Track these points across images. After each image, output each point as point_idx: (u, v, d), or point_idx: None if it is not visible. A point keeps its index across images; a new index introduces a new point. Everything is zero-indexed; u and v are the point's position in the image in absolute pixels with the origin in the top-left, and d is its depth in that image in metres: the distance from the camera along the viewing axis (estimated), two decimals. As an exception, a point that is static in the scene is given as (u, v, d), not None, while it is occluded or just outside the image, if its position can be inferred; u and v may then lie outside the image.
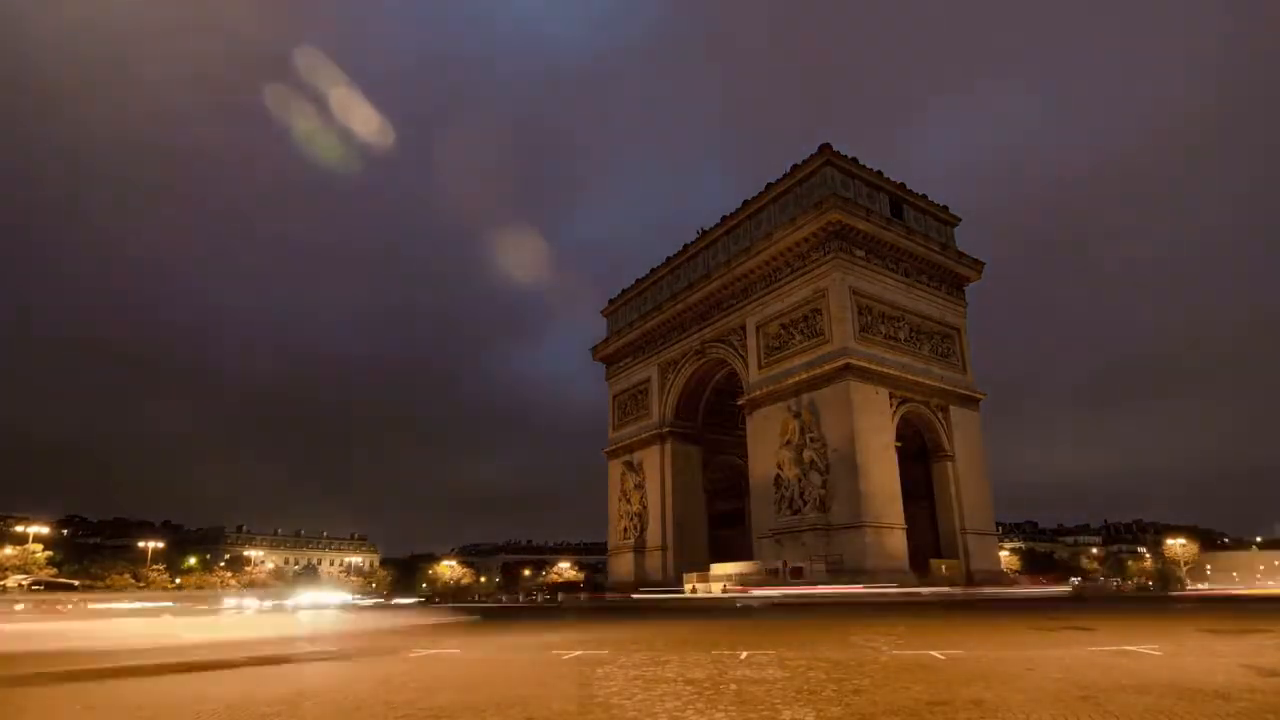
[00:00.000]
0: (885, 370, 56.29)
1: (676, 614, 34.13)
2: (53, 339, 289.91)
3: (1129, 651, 13.01)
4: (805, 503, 54.81)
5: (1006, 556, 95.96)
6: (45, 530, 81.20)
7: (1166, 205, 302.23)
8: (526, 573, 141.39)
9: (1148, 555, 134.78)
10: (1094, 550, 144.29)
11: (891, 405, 56.37)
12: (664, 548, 72.81)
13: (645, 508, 76.65)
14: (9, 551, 73.65)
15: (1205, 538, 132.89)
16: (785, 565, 52.23)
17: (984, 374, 66.89)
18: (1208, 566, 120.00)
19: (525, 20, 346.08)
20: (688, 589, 55.68)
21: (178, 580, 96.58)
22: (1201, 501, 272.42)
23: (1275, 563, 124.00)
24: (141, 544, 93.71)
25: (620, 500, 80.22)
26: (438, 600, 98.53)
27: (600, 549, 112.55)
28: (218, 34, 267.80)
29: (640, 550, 75.58)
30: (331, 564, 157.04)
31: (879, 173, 62.62)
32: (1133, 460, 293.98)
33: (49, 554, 78.48)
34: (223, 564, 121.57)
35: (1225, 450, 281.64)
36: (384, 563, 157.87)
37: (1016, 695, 8.31)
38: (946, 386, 60.70)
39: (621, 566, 78.27)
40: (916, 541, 54.76)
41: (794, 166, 62.67)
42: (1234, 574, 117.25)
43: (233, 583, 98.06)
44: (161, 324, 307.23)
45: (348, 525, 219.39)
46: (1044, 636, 16.65)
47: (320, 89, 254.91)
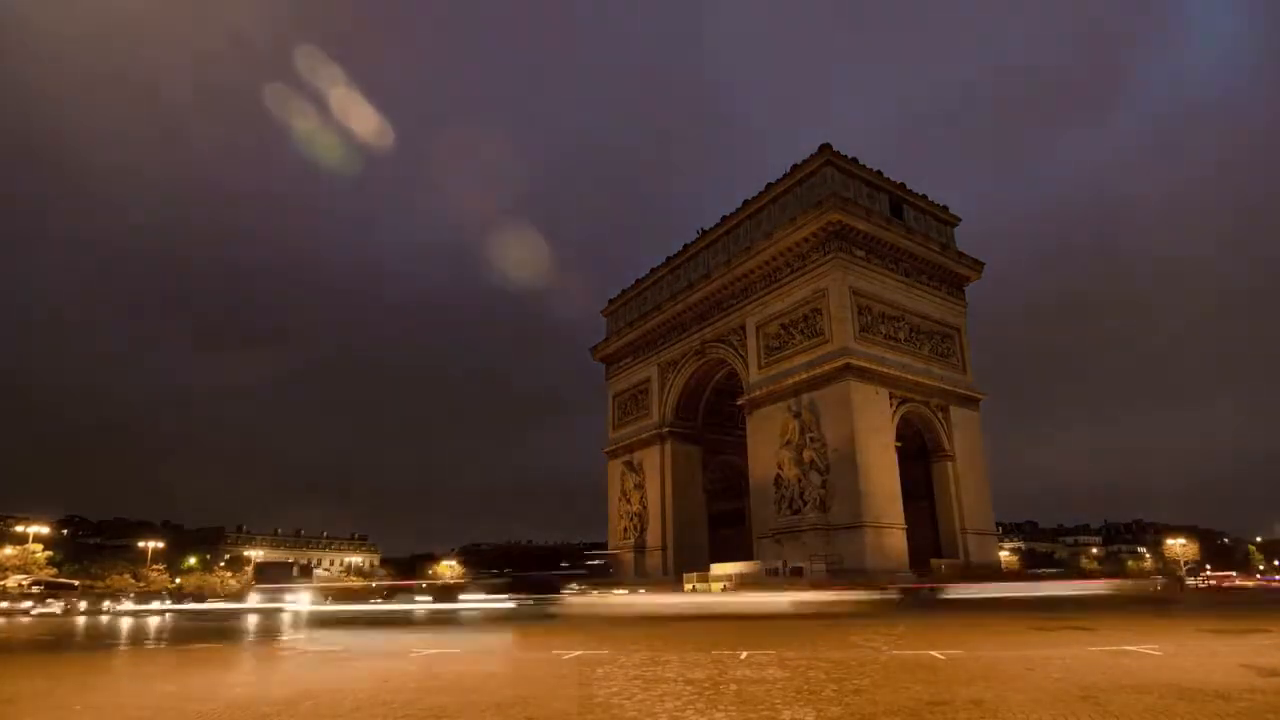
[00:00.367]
0: (885, 370, 56.24)
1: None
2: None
3: (1129, 651, 13.02)
4: (805, 503, 54.76)
5: (1006, 556, 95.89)
6: (45, 530, 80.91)
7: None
8: None
9: (1148, 555, 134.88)
10: (1094, 550, 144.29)
11: (891, 405, 56.31)
12: (664, 548, 72.77)
13: (645, 508, 76.62)
14: (9, 551, 73.48)
15: (1205, 538, 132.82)
16: (785, 565, 52.17)
17: (984, 374, 66.92)
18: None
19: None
20: (687, 589, 55.69)
21: (176, 580, 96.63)
22: (1201, 501, 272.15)
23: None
24: (141, 544, 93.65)
25: (620, 500, 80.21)
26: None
27: (600, 549, 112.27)
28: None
29: (640, 550, 75.59)
30: (331, 564, 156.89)
31: (879, 172, 62.60)
32: (1133, 460, 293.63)
33: (49, 554, 78.38)
34: (223, 564, 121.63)
35: (1225, 450, 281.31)
36: (384, 562, 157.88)
37: (1016, 695, 8.31)
38: (946, 386, 60.64)
39: (622, 566, 78.27)
40: (916, 541, 54.72)
41: (794, 166, 62.65)
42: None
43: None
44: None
45: (348, 525, 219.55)
46: (1044, 636, 16.66)
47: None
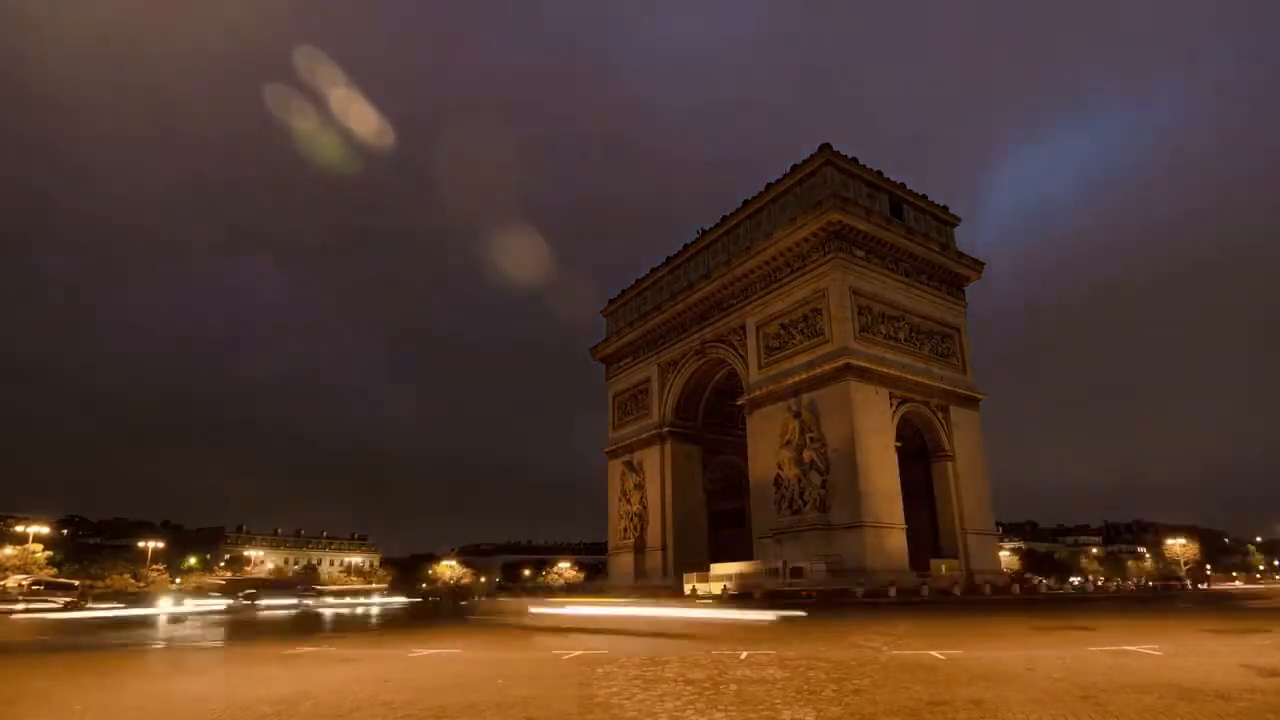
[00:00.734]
0: (885, 370, 56.21)
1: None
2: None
3: (1129, 651, 13.02)
4: (805, 503, 54.75)
5: (1006, 556, 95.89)
6: (45, 530, 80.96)
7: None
8: (527, 573, 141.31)
9: (1148, 555, 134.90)
10: (1094, 550, 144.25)
11: (891, 405, 56.28)
12: (664, 547, 72.70)
13: (645, 507, 76.52)
14: (9, 551, 73.53)
15: (1205, 538, 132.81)
16: (785, 565, 52.11)
17: (984, 374, 66.86)
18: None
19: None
20: (687, 589, 55.66)
21: (177, 581, 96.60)
22: (1202, 501, 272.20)
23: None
24: (141, 544, 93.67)
25: (620, 500, 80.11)
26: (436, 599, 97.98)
27: (601, 549, 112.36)
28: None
29: (640, 550, 75.50)
30: (332, 564, 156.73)
31: (879, 173, 62.56)
32: (1133, 460, 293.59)
33: (49, 554, 78.40)
34: (223, 564, 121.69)
35: (1225, 450, 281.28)
36: (384, 562, 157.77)
37: (1016, 695, 8.31)
38: (946, 386, 60.62)
39: (621, 566, 78.13)
40: (916, 541, 54.72)
41: (794, 166, 62.61)
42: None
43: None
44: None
45: (348, 525, 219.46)
46: (1044, 636, 16.66)
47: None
